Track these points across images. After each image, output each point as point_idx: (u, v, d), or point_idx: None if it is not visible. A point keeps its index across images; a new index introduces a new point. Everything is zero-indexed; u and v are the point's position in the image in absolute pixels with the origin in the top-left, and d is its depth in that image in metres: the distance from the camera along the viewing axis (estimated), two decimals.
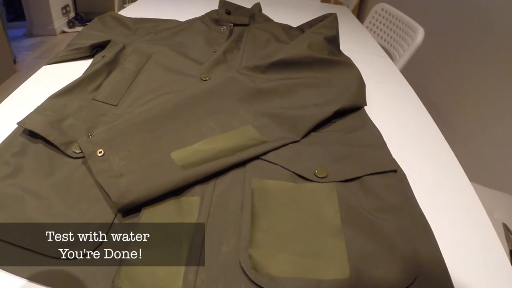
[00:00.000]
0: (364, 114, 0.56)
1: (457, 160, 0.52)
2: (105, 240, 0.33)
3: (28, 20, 2.54)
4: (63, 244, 0.32)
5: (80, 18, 2.79)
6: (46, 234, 0.33)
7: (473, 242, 0.39)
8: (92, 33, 0.74)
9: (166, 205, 0.37)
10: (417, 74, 1.44)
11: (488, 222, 0.42)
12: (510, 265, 0.37)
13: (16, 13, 2.73)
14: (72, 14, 2.80)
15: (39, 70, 0.64)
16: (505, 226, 0.74)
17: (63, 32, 2.68)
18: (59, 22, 2.64)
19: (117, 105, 0.53)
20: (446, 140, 0.57)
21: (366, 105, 0.58)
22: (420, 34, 1.04)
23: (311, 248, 0.34)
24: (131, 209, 0.36)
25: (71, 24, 2.73)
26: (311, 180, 0.41)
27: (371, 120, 0.54)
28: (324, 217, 0.37)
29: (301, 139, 0.48)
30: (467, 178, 0.49)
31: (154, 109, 0.46)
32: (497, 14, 1.16)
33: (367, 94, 0.60)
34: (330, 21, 0.73)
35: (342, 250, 0.34)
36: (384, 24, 1.29)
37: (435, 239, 0.35)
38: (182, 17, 0.86)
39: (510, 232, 0.73)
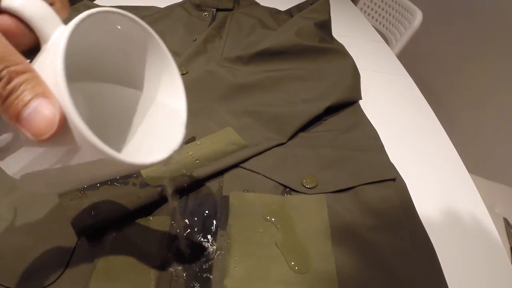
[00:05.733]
0: (358, 110, 0.50)
1: (456, 151, 0.49)
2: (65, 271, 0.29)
3: None
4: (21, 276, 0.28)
5: None
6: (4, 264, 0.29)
7: (472, 238, 0.37)
8: None
9: (133, 226, 0.32)
10: (414, 60, 1.38)
11: (488, 217, 0.40)
12: (511, 263, 0.35)
13: None
14: None
15: None
16: (506, 221, 0.71)
17: None
18: None
19: None
20: (444, 129, 0.54)
21: (361, 98, 0.53)
22: (418, 17, 0.98)
23: (296, 274, 0.29)
24: (95, 232, 0.32)
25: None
26: (298, 191, 0.36)
27: (366, 117, 0.49)
28: (312, 236, 0.32)
29: (287, 141, 0.43)
30: (466, 170, 0.46)
31: None
32: None
33: (362, 85, 0.55)
34: (321, 4, 0.67)
35: (332, 277, 0.29)
36: (379, 6, 1.22)
37: (438, 263, 0.31)
38: (162, 3, 0.79)
39: (511, 227, 0.69)
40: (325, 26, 0.63)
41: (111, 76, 0.21)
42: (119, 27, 0.19)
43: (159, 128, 0.21)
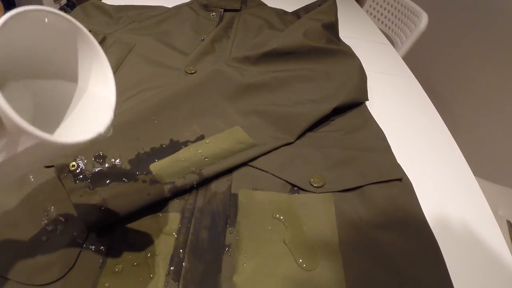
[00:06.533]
0: (365, 110, 0.51)
1: (462, 154, 0.50)
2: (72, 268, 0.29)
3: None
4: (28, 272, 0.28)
5: (72, 5, 2.67)
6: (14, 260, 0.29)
7: (476, 240, 0.37)
8: None
9: (143, 222, 0.33)
10: (420, 62, 1.38)
11: (493, 219, 0.40)
12: None
13: (8, 1, 2.62)
14: (64, 1, 2.68)
15: None
16: (509, 224, 0.71)
17: None
18: None
19: None
20: (450, 132, 0.54)
21: (367, 99, 0.53)
22: (423, 20, 0.98)
23: (304, 271, 0.30)
24: (103, 228, 0.32)
25: (63, 11, 2.63)
26: (305, 190, 0.37)
27: (373, 118, 0.49)
28: (320, 234, 0.32)
29: (295, 140, 0.43)
30: (472, 173, 0.47)
31: (130, 111, 0.41)
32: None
33: (368, 86, 0.55)
34: (328, 5, 0.67)
35: (339, 274, 0.30)
36: (385, 9, 1.23)
37: (443, 262, 0.31)
38: (170, 3, 0.80)
39: None
40: (332, 27, 0.64)
41: (50, 72, 0.23)
42: (46, 22, 0.20)
43: (89, 114, 0.23)
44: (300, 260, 0.30)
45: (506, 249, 0.37)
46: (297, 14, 0.79)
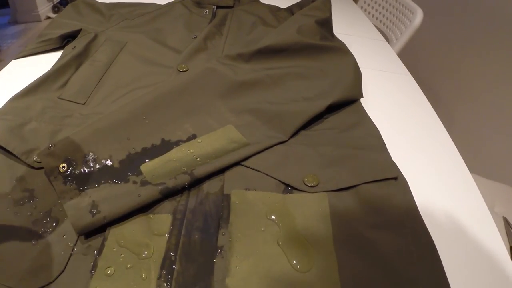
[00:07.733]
0: (360, 108, 0.50)
1: (457, 150, 0.49)
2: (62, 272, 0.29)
3: (11, 7, 2.40)
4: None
5: (65, 3, 2.65)
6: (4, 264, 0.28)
7: (472, 237, 0.37)
8: (64, 22, 0.67)
9: (134, 224, 0.32)
10: (415, 58, 1.38)
11: (489, 216, 0.40)
12: (511, 261, 0.35)
13: (1, 1, 2.58)
14: None
15: (7, 66, 0.58)
16: (505, 221, 0.71)
17: (48, 18, 2.54)
18: (44, 8, 2.50)
19: (85, 103, 0.47)
20: (446, 128, 0.54)
21: (362, 97, 0.53)
22: (418, 16, 0.97)
23: (298, 273, 0.29)
24: (94, 230, 0.31)
25: (56, 9, 2.59)
26: (299, 190, 0.36)
27: (368, 115, 0.49)
28: (314, 234, 0.32)
29: (289, 139, 0.42)
30: (467, 169, 0.46)
31: (120, 111, 0.40)
32: None
33: (363, 83, 0.55)
34: (322, 1, 0.67)
35: (334, 274, 0.29)
36: (380, 5, 1.22)
37: (440, 261, 0.31)
38: (162, 0, 0.79)
39: (511, 227, 0.70)
40: (326, 24, 0.63)
41: None
42: None
43: None
44: (294, 261, 0.30)
45: (503, 246, 0.37)
46: (290, 10, 0.78)
